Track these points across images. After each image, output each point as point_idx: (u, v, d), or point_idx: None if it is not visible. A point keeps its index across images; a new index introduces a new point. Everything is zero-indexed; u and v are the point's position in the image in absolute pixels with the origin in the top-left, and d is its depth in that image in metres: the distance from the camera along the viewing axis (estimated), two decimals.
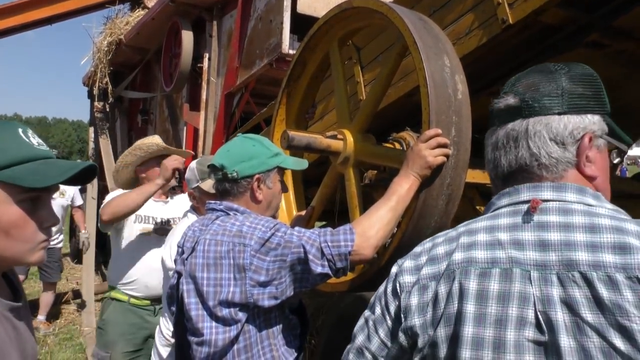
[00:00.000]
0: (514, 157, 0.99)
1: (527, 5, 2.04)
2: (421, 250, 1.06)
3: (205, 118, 5.10)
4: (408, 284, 1.01)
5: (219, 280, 1.53)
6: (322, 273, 1.50)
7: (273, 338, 1.58)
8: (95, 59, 7.37)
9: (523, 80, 1.00)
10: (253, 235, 1.53)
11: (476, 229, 0.98)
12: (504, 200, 0.99)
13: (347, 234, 1.53)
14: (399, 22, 1.80)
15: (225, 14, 4.99)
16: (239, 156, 1.69)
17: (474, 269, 0.93)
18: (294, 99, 2.50)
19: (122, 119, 8.09)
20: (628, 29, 2.13)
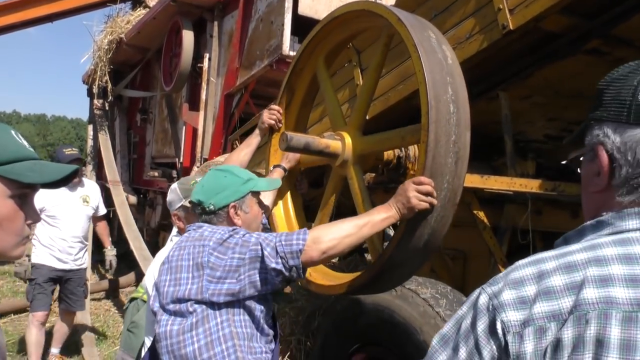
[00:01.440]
0: None
1: (527, 11, 2.05)
2: (522, 276, 0.80)
3: (205, 118, 5.10)
4: (515, 324, 0.77)
5: (178, 280, 1.64)
6: (276, 269, 1.57)
7: (238, 339, 1.62)
8: (96, 57, 7.36)
9: None
10: (212, 237, 1.65)
11: (605, 257, 0.77)
12: (633, 222, 0.81)
13: (301, 235, 1.60)
14: (382, 10, 1.85)
15: (227, 15, 5.00)
16: (212, 189, 1.80)
17: (615, 312, 0.73)
18: (286, 126, 2.51)
19: (122, 117, 8.08)
20: (628, 36, 2.13)
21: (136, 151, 7.69)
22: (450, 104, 1.69)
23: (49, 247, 4.26)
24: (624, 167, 0.82)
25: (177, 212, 2.37)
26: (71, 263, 4.37)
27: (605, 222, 0.83)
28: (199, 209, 1.80)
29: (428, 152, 1.64)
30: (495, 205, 2.70)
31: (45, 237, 4.25)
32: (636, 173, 0.81)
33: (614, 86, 0.86)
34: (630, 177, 0.82)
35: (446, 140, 1.66)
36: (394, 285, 2.06)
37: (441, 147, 1.65)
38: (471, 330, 0.81)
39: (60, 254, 4.29)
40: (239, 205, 1.81)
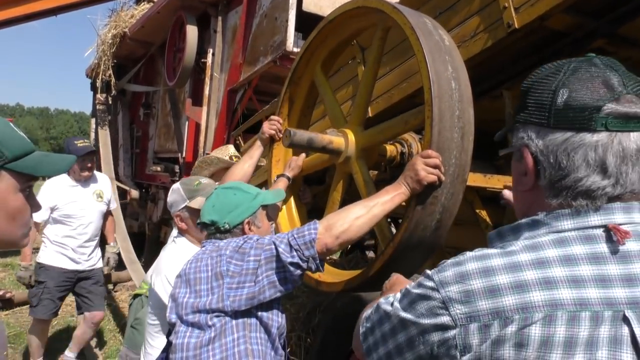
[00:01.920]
0: (638, 175, 0.84)
1: (533, 10, 2.04)
2: (468, 270, 0.83)
3: (208, 113, 5.09)
4: (462, 317, 0.81)
5: (198, 292, 1.64)
6: (293, 262, 1.57)
7: (252, 357, 1.62)
8: (99, 51, 7.38)
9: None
10: (228, 246, 1.67)
11: (548, 259, 0.81)
12: (567, 222, 0.85)
13: (311, 225, 1.61)
14: (376, 3, 1.87)
15: (231, 10, 4.99)
16: (225, 208, 1.80)
17: (561, 313, 0.77)
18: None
19: (124, 112, 8.09)
20: (633, 36, 2.12)
21: (139, 146, 7.70)
22: (452, 80, 1.71)
23: (61, 246, 3.98)
24: (547, 169, 0.87)
25: (180, 214, 2.30)
26: (84, 263, 4.08)
27: (541, 221, 0.86)
28: (212, 229, 1.80)
29: (433, 126, 1.64)
30: (497, 204, 2.70)
31: (57, 236, 3.98)
32: (558, 175, 0.85)
33: (534, 89, 0.89)
34: (554, 180, 0.86)
35: (450, 115, 1.67)
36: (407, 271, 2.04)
37: (446, 121, 1.66)
38: (418, 315, 0.87)
39: (74, 254, 4.01)
40: (252, 221, 1.83)
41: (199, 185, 2.32)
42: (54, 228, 3.99)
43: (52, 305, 3.95)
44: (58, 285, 3.95)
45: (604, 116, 0.81)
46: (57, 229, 3.98)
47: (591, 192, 0.83)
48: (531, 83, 0.91)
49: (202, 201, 2.19)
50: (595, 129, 0.82)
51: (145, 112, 7.34)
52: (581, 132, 0.83)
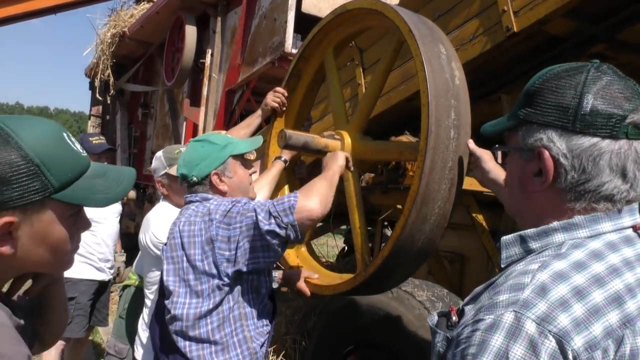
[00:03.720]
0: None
1: (532, 14, 2.03)
2: (563, 296, 0.78)
3: (205, 114, 5.07)
4: (582, 349, 0.75)
5: (193, 256, 1.66)
6: (269, 230, 1.58)
7: (245, 319, 1.69)
8: (98, 51, 7.35)
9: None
10: (218, 210, 1.68)
11: (616, 266, 0.83)
12: (606, 224, 0.88)
13: (292, 195, 1.63)
14: (394, 15, 1.80)
15: (230, 11, 4.97)
16: (192, 161, 1.83)
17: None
18: (289, 111, 2.48)
19: (123, 111, 8.05)
20: (632, 42, 2.11)
21: (137, 146, 7.68)
22: (452, 129, 1.65)
23: (87, 256, 3.63)
24: (569, 172, 0.87)
25: (161, 179, 2.43)
26: (107, 272, 3.77)
27: (578, 224, 0.87)
28: (185, 182, 1.85)
29: (422, 178, 1.61)
30: (494, 209, 2.68)
31: (80, 245, 3.67)
32: (582, 179, 0.86)
33: (552, 90, 0.89)
34: (576, 184, 0.87)
35: (442, 167, 1.64)
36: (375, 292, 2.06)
37: (436, 173, 1.63)
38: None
39: (100, 263, 3.68)
40: (221, 172, 1.83)
41: (179, 154, 2.36)
42: None
43: (85, 321, 3.65)
44: (89, 299, 3.65)
45: (626, 125, 0.85)
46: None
47: (612, 196, 0.86)
48: (545, 83, 0.90)
49: None
50: (618, 136, 0.85)
51: (143, 112, 7.30)
52: (607, 138, 0.85)
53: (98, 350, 4.64)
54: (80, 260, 3.58)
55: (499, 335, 0.77)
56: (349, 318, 2.46)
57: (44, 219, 0.89)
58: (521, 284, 0.81)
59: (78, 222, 0.97)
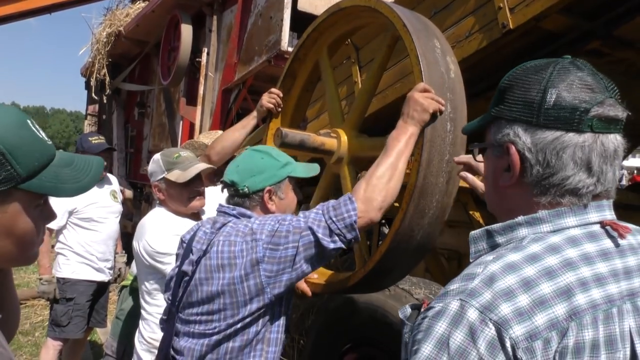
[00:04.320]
0: (612, 175, 0.88)
1: (528, 10, 2.02)
2: (509, 286, 0.80)
3: (202, 113, 5.07)
4: (522, 338, 0.76)
5: (234, 279, 1.54)
6: (335, 248, 1.51)
7: (267, 345, 1.60)
8: (94, 50, 7.34)
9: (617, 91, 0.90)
10: (263, 230, 1.55)
11: (572, 260, 0.83)
12: (570, 219, 0.88)
13: (349, 204, 1.51)
14: (388, 11, 1.80)
15: (226, 9, 4.97)
16: (248, 171, 1.70)
17: (599, 314, 0.81)
18: (285, 112, 2.47)
19: (119, 111, 8.04)
20: (629, 38, 2.11)
21: (133, 145, 7.67)
22: (448, 122, 1.64)
23: (86, 256, 3.59)
24: (535, 166, 0.88)
25: (157, 184, 2.32)
26: (107, 273, 3.72)
27: (542, 219, 0.88)
28: (232, 190, 1.71)
29: (420, 171, 1.61)
30: None
31: (79, 245, 3.58)
32: (546, 173, 0.87)
33: (519, 86, 0.90)
34: (541, 177, 0.88)
35: (439, 159, 1.63)
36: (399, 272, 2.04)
37: (433, 166, 1.63)
38: (468, 349, 0.77)
39: (99, 263, 3.64)
40: (274, 190, 1.72)
41: (178, 158, 2.31)
42: (75, 235, 3.58)
43: (83, 322, 3.63)
44: (88, 300, 3.62)
45: (590, 118, 0.85)
46: (79, 235, 3.58)
47: (577, 190, 0.87)
48: (514, 80, 0.92)
49: (178, 174, 2.24)
50: (582, 129, 0.85)
51: (140, 111, 7.30)
52: (570, 132, 0.86)
53: (96, 351, 4.63)
54: (79, 260, 3.57)
55: (443, 321, 0.80)
56: (347, 316, 2.46)
57: (10, 210, 0.85)
58: (472, 274, 0.83)
59: (44, 213, 0.94)
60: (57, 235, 3.64)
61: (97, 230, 3.64)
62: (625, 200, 2.85)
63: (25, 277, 7.06)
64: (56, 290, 3.52)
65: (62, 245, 3.60)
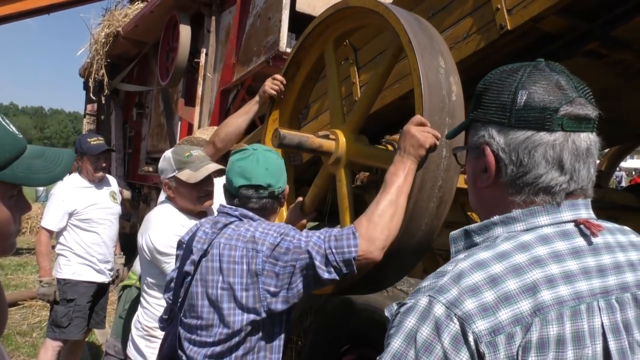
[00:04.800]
0: (587, 173, 0.90)
1: (525, 11, 2.02)
2: (476, 282, 0.82)
3: (200, 114, 5.07)
4: (485, 333, 0.78)
5: (233, 285, 1.55)
6: (329, 279, 1.51)
7: (270, 353, 1.60)
8: (92, 51, 7.34)
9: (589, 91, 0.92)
10: (265, 241, 1.56)
11: (541, 257, 0.85)
12: (543, 218, 0.89)
13: (351, 239, 1.51)
14: (395, 22, 1.78)
15: (224, 10, 4.97)
16: (278, 172, 1.72)
17: (566, 310, 0.82)
18: (287, 98, 2.47)
19: (117, 111, 8.04)
20: (626, 39, 2.11)
21: (132, 146, 7.66)
22: (444, 148, 1.63)
23: (86, 257, 3.60)
24: (509, 166, 0.90)
25: (167, 182, 2.34)
26: (107, 274, 3.74)
27: (516, 218, 0.90)
28: (267, 193, 1.69)
29: (411, 196, 1.61)
30: None
31: (79, 245, 3.58)
32: (520, 172, 0.89)
33: (493, 89, 0.93)
34: (515, 177, 0.90)
35: (431, 185, 1.63)
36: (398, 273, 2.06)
37: (425, 192, 1.63)
38: (433, 343, 0.80)
39: (99, 265, 3.65)
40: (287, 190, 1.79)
41: (189, 158, 2.32)
42: (75, 236, 3.59)
43: (84, 323, 3.64)
44: (88, 301, 3.63)
45: (560, 117, 0.87)
46: (79, 236, 3.59)
47: (550, 188, 0.89)
48: (489, 84, 0.95)
49: (189, 174, 2.26)
50: (553, 129, 0.87)
51: (138, 112, 7.30)
52: (541, 131, 0.88)
53: (94, 352, 4.63)
54: (79, 261, 3.58)
55: (412, 317, 0.83)
56: (345, 317, 2.46)
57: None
58: (443, 272, 0.86)
59: (19, 204, 0.96)
60: (57, 237, 3.64)
61: (97, 232, 3.65)
62: (622, 201, 2.85)
63: (23, 278, 7.05)
64: (56, 293, 3.52)
65: (62, 247, 3.60)
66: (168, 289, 1.74)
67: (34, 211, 11.72)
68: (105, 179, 3.83)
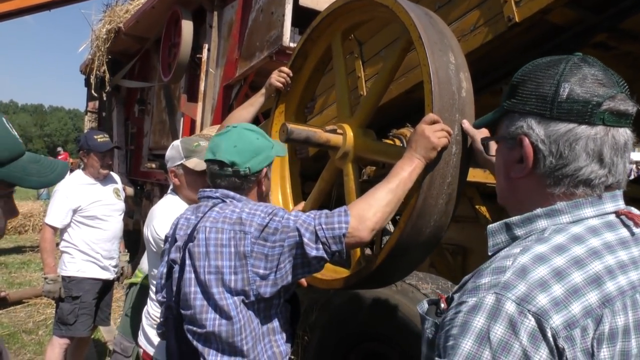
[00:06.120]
0: (623, 167, 0.92)
1: (534, 3, 2.01)
2: (543, 276, 0.81)
3: (203, 110, 5.04)
4: (561, 327, 0.77)
5: (221, 268, 1.53)
6: (317, 256, 1.48)
7: (273, 334, 1.59)
8: (94, 47, 7.31)
9: (627, 87, 0.93)
10: (252, 222, 1.53)
11: (596, 249, 0.86)
12: (588, 210, 0.90)
13: (342, 216, 1.50)
14: (404, 16, 1.76)
15: (226, 5, 4.94)
16: (248, 152, 1.67)
17: (627, 300, 0.83)
18: (294, 91, 2.47)
19: (119, 108, 8.01)
20: (635, 31, 2.10)
21: (134, 142, 7.65)
22: (454, 145, 1.62)
23: (91, 254, 3.60)
24: (547, 158, 0.91)
25: (175, 170, 2.37)
26: (112, 271, 3.74)
27: (561, 210, 0.90)
28: (230, 170, 1.65)
29: (420, 193, 1.61)
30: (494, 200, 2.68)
31: (84, 242, 3.58)
32: (559, 164, 0.90)
33: (532, 81, 0.93)
34: (554, 168, 0.90)
35: (441, 182, 1.62)
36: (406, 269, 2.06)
37: (434, 189, 1.62)
38: (510, 342, 0.77)
39: (104, 261, 3.66)
40: (266, 172, 1.75)
41: (197, 147, 2.35)
42: (79, 233, 3.58)
43: (90, 320, 3.63)
44: (94, 298, 3.64)
45: (602, 111, 0.88)
46: (83, 233, 3.59)
47: (590, 180, 0.90)
48: (527, 75, 0.95)
49: (197, 162, 2.29)
50: (594, 122, 0.88)
51: (140, 108, 7.27)
52: (582, 124, 0.88)
53: (99, 349, 4.64)
54: (84, 258, 3.58)
55: (480, 316, 0.80)
56: (353, 312, 2.46)
57: None
58: (502, 267, 0.84)
59: (7, 207, 0.98)
60: (62, 234, 3.64)
61: (102, 228, 3.65)
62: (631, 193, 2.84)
63: (27, 276, 7.06)
64: (61, 290, 3.52)
65: (67, 244, 3.60)
66: (159, 287, 1.71)
67: (36, 209, 11.77)
68: (109, 175, 3.84)
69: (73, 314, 3.53)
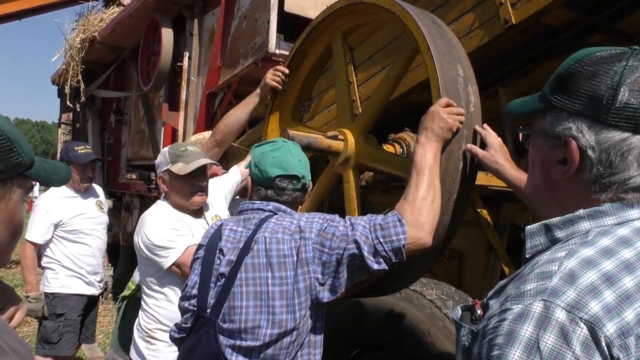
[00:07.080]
0: None
1: (530, 5, 2.01)
2: (592, 282, 0.76)
3: (185, 118, 4.96)
4: (615, 336, 0.73)
5: (285, 279, 1.50)
6: (379, 269, 1.47)
7: (314, 348, 1.56)
8: (67, 57, 7.13)
9: None
10: (312, 228, 1.53)
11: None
12: (634, 211, 0.86)
13: (398, 227, 1.48)
14: (412, 25, 1.72)
15: (207, 12, 4.88)
16: (308, 165, 1.71)
17: None
18: (290, 90, 2.41)
19: (94, 119, 7.83)
20: (630, 31, 2.13)
21: (111, 153, 7.47)
22: (460, 161, 1.61)
23: (75, 269, 3.47)
24: (595, 165, 0.85)
25: (162, 175, 2.34)
26: (97, 286, 3.61)
27: (606, 212, 0.85)
28: (299, 184, 1.66)
29: None
30: (493, 203, 2.68)
31: (67, 258, 3.46)
32: (607, 172, 0.84)
33: (586, 77, 0.86)
34: (601, 176, 0.85)
35: (447, 199, 1.61)
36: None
37: (440, 207, 1.60)
38: (562, 351, 0.73)
39: (89, 276, 3.53)
40: None
41: (184, 152, 2.32)
42: (62, 248, 3.47)
43: (75, 338, 3.50)
44: (79, 315, 3.51)
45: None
46: (66, 248, 3.47)
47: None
48: (580, 68, 0.87)
49: (181, 167, 2.26)
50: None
51: (116, 118, 7.12)
52: (637, 134, 0.83)
53: None
54: (68, 274, 3.46)
55: (528, 324, 0.75)
56: (356, 320, 2.41)
57: (14, 197, 0.87)
58: (548, 272, 0.79)
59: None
60: (43, 250, 3.50)
61: (85, 243, 3.54)
62: None
63: None
64: (45, 308, 3.38)
65: (49, 260, 3.47)
66: (189, 295, 1.64)
67: None
68: (91, 188, 3.71)
69: (57, 332, 3.39)
